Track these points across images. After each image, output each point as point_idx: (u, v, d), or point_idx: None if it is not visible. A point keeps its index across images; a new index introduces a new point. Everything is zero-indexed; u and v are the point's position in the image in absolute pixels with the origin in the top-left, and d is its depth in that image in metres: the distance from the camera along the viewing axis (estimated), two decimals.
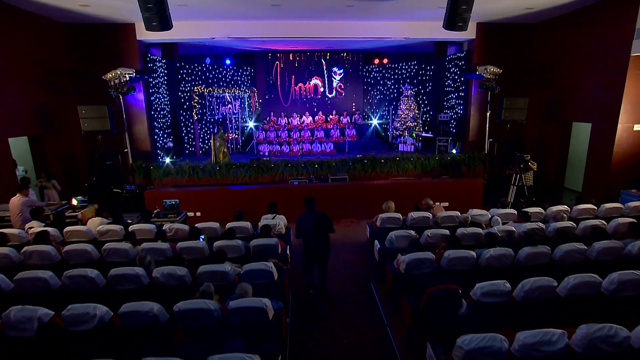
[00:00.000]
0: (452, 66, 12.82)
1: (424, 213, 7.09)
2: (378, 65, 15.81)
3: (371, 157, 10.80)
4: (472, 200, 9.67)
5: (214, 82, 14.87)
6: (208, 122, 14.82)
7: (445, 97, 13.41)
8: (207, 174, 10.51)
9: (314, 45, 14.70)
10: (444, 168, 10.82)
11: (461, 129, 12.51)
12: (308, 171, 10.70)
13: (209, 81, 14.74)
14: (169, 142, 12.02)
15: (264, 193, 9.37)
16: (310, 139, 14.55)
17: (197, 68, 14.40)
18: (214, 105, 14.80)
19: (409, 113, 14.07)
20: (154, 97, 11.80)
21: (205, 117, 14.60)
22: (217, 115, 15.05)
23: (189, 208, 9.26)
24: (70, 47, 10.49)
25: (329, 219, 5.60)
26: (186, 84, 14.07)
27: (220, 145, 11.26)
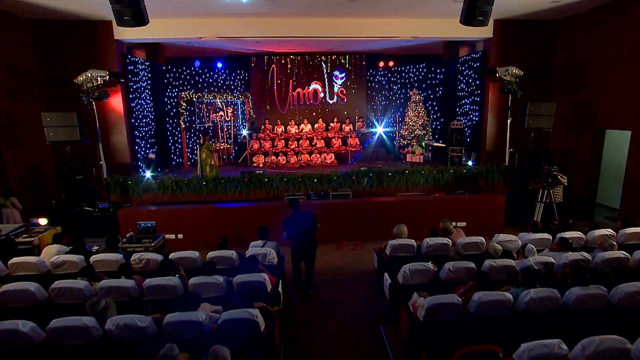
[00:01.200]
0: (465, 68, 12.13)
1: (442, 239, 6.22)
2: (383, 69, 15.28)
3: (377, 170, 9.96)
4: (493, 219, 8.87)
5: (204, 87, 14.20)
6: (197, 130, 14.06)
7: (457, 103, 12.73)
8: (192, 190, 9.67)
9: (314, 47, 14.15)
10: (459, 182, 10.01)
11: (476, 137, 11.77)
12: (306, 186, 9.90)
13: (198, 86, 14.07)
14: (150, 153, 11.15)
15: (255, 212, 8.60)
16: (309, 148, 13.80)
17: (185, 72, 13.72)
18: (203, 112, 14.03)
19: (417, 120, 13.36)
20: (135, 103, 11.05)
21: (194, 125, 13.85)
22: (208, 124, 14.26)
23: (170, 230, 8.45)
24: (38, 47, 9.71)
25: (313, 216, 6.19)
26: (173, 89, 13.36)
27: (207, 157, 10.45)
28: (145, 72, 11.80)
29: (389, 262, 6.16)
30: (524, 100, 9.58)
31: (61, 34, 9.82)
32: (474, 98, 11.78)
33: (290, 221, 6.09)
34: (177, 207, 8.87)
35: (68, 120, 8.11)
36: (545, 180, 8.46)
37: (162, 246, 7.49)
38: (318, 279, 6.92)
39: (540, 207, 8.57)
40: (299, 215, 6.15)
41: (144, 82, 11.64)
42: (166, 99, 13.23)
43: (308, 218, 6.13)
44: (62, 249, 5.97)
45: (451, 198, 9.25)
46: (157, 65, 12.67)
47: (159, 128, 12.75)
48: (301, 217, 6.11)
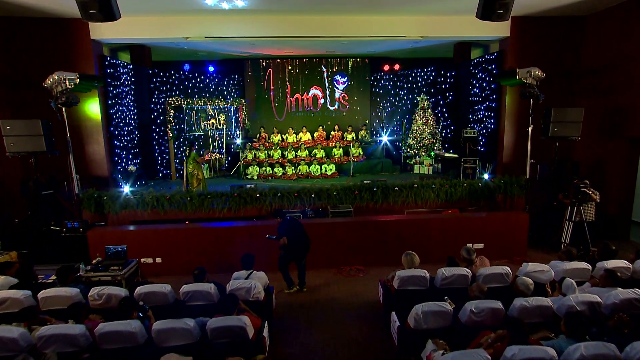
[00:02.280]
0: (478, 71, 11.49)
1: (460, 270, 5.41)
2: (388, 72, 14.69)
3: (382, 183, 9.25)
4: (514, 241, 8.09)
5: (194, 93, 13.59)
6: (186, 139, 13.34)
7: (470, 109, 12.10)
8: (175, 207, 9.00)
9: (313, 50, 13.58)
10: (473, 197, 9.28)
11: (492, 147, 11.08)
12: (303, 202, 9.19)
13: (188, 91, 13.46)
14: (130, 165, 10.41)
15: (245, 232, 7.88)
16: (307, 159, 13.06)
17: (173, 76, 13.13)
18: (193, 119, 13.36)
19: (425, 128, 12.79)
20: (115, 109, 10.42)
21: (183, 133, 13.19)
22: (198, 132, 13.61)
23: (147, 252, 7.72)
24: (2, 47, 9.00)
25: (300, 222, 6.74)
26: (160, 95, 12.76)
27: (195, 169, 9.75)
28: (128, 76, 11.17)
29: (397, 297, 5.38)
30: (546, 106, 8.80)
31: (29, 32, 9.18)
32: (489, 103, 11.15)
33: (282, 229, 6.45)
34: (156, 226, 8.20)
35: (32, 128, 7.36)
36: (574, 196, 7.61)
37: (134, 273, 6.71)
38: (313, 313, 6.10)
39: (569, 227, 7.73)
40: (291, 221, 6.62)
41: (126, 87, 10.99)
42: (152, 106, 12.60)
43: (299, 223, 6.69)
44: (7, 281, 5.16)
45: (466, 216, 8.54)
46: (143, 69, 12.07)
47: (143, 137, 12.09)
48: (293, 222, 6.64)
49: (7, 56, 9.22)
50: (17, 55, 9.22)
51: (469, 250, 5.73)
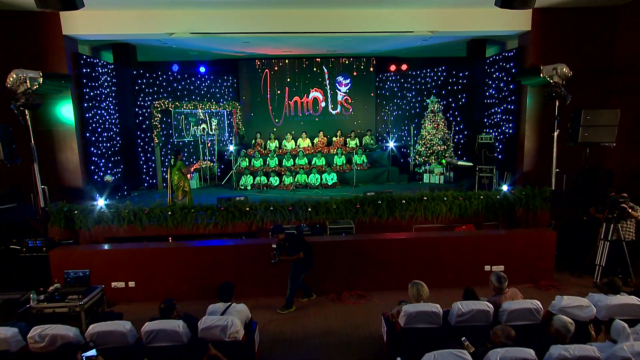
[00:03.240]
0: (495, 70, 11.02)
1: (480, 305, 4.64)
2: (395, 73, 14.26)
3: (387, 196, 8.61)
4: (539, 263, 7.29)
5: (183, 96, 13.04)
6: (175, 146, 12.74)
7: (486, 112, 11.62)
8: (155, 222, 8.37)
9: (313, 49, 13.16)
10: (491, 211, 8.60)
11: (511, 155, 10.55)
12: (298, 216, 8.54)
13: (177, 94, 12.90)
14: (107, 175, 9.77)
15: (232, 252, 7.19)
16: (306, 168, 12.43)
17: (161, 77, 12.57)
18: (182, 124, 12.82)
19: (436, 133, 12.28)
20: (92, 113, 9.90)
21: (171, 139, 12.65)
22: (187, 138, 13.07)
23: (119, 275, 7.03)
24: None
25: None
26: (146, 98, 12.21)
27: (180, 179, 9.15)
28: (109, 76, 10.66)
29: (404, 336, 4.68)
30: (573, 107, 8.06)
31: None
32: (507, 106, 10.63)
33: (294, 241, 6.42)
34: (129, 245, 7.61)
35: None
36: (611, 211, 6.80)
37: (99, 303, 5.98)
38: (304, 352, 5.39)
39: (605, 247, 6.92)
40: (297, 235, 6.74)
41: (106, 89, 10.46)
42: (137, 110, 12.05)
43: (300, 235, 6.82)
44: None
45: (483, 234, 7.83)
46: (126, 70, 11.57)
47: (127, 144, 11.59)
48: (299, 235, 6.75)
49: None
50: None
51: (500, 278, 4.96)
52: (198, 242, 7.71)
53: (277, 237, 6.30)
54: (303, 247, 6.39)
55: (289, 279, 6.49)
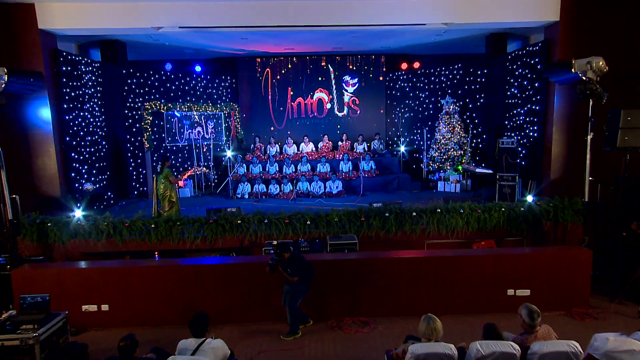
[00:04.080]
0: (517, 67, 10.49)
1: (503, 346, 3.99)
2: (406, 72, 13.97)
3: (396, 207, 8.08)
4: (572, 286, 6.60)
5: (177, 97, 12.66)
6: (169, 150, 12.52)
7: (507, 114, 11.09)
8: (137, 235, 7.96)
9: (317, 45, 12.78)
10: (514, 225, 8.06)
11: (536, 161, 10.03)
12: (296, 230, 8.04)
13: (170, 95, 12.53)
14: (87, 183, 9.29)
15: (219, 272, 6.59)
16: (309, 175, 11.98)
17: (153, 77, 12.20)
18: (175, 127, 12.51)
19: (451, 137, 12.00)
20: (73, 114, 9.48)
21: (163, 144, 12.33)
22: (181, 142, 12.67)
23: (92, 297, 6.47)
24: None
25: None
26: (137, 99, 11.84)
27: (167, 189, 8.72)
28: (94, 75, 10.28)
29: None
30: (611, 107, 7.39)
31: None
32: (531, 106, 10.10)
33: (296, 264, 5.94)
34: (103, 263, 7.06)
35: None
36: None
37: (60, 332, 5.37)
38: None
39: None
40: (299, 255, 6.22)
41: (90, 89, 10.07)
42: (127, 111, 11.67)
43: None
44: None
45: (506, 252, 7.12)
46: (115, 68, 11.19)
47: (114, 148, 11.18)
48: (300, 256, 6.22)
49: None
50: None
51: (532, 313, 4.23)
52: (181, 260, 7.18)
53: (282, 255, 5.81)
54: (304, 269, 5.94)
55: (286, 303, 5.97)
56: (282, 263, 5.84)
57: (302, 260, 6.05)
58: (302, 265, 5.98)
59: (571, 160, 9.11)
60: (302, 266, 5.96)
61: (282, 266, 5.83)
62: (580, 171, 8.02)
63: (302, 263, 6.00)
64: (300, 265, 5.95)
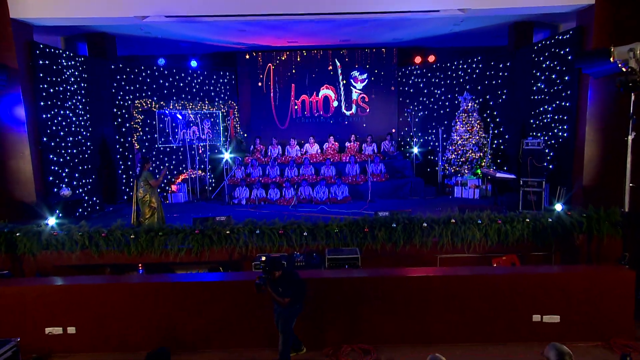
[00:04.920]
0: (545, 59, 9.90)
1: None
2: (420, 66, 13.49)
3: (404, 217, 7.55)
4: (611, 312, 5.95)
5: (171, 94, 12.28)
6: (162, 152, 12.17)
7: (532, 111, 10.53)
8: (115, 247, 7.51)
9: (323, 38, 12.42)
10: (540, 238, 7.50)
11: (566, 164, 9.51)
12: (291, 242, 7.56)
13: (163, 92, 12.14)
14: (64, 188, 8.87)
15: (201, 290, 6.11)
16: (312, 179, 11.50)
17: (144, 72, 11.82)
18: (169, 127, 12.12)
19: (469, 137, 11.47)
20: (52, 113, 9.11)
21: (155, 145, 11.95)
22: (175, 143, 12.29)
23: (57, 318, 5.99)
24: None
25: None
26: (127, 96, 11.48)
27: (147, 194, 8.29)
28: (77, 71, 9.91)
29: None
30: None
31: None
32: (560, 102, 9.53)
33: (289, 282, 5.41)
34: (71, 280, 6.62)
35: None
36: None
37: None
38: None
39: None
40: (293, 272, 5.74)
41: (73, 85, 9.70)
42: (115, 110, 11.30)
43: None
44: None
45: (531, 271, 6.47)
46: (102, 63, 10.83)
47: (102, 149, 10.85)
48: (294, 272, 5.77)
49: None
50: None
51: (561, 355, 3.50)
52: (158, 276, 6.75)
53: (272, 273, 5.24)
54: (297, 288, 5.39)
55: (278, 326, 5.42)
56: (272, 282, 5.26)
57: (295, 278, 5.47)
58: (295, 283, 5.41)
59: (607, 163, 8.58)
60: (295, 285, 5.40)
61: (272, 285, 5.24)
62: (619, 176, 7.39)
63: (295, 281, 5.43)
64: (293, 283, 5.38)
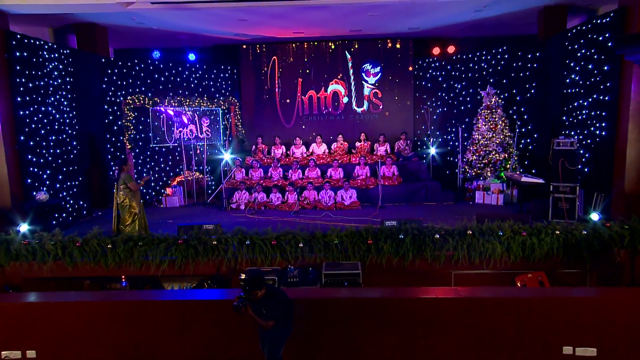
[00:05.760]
0: (581, 46, 9.27)
1: None
2: (439, 58, 13.02)
3: (414, 227, 7.01)
4: None
5: (167, 89, 11.96)
6: (157, 152, 11.85)
7: (565, 107, 9.92)
8: (92, 258, 7.15)
9: (332, 28, 12.04)
10: (572, 254, 6.91)
11: (604, 167, 8.85)
12: (285, 255, 7.06)
13: (159, 87, 11.81)
14: (39, 192, 8.49)
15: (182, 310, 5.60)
16: (318, 181, 11.01)
17: (138, 66, 11.51)
18: (164, 125, 11.79)
19: (493, 137, 10.94)
20: (32, 110, 8.71)
21: (149, 145, 11.63)
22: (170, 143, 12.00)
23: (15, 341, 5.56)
24: None
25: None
26: (118, 92, 11.17)
27: (126, 198, 7.91)
28: (62, 64, 9.57)
29: None
30: None
31: None
32: (598, 96, 8.89)
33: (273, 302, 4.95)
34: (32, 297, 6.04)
35: None
36: None
37: None
38: None
39: None
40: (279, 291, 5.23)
41: (57, 80, 9.38)
42: (106, 106, 10.98)
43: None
44: None
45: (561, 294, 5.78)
46: (91, 57, 10.50)
47: (91, 149, 10.53)
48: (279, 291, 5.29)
49: None
50: None
51: None
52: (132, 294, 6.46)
53: (254, 293, 4.72)
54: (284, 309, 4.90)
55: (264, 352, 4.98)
56: (254, 302, 4.70)
57: (280, 298, 4.95)
58: (281, 304, 4.89)
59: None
60: (281, 306, 4.89)
61: (254, 306, 4.68)
62: None
63: (281, 302, 4.92)
64: (279, 304, 4.86)
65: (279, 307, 4.70)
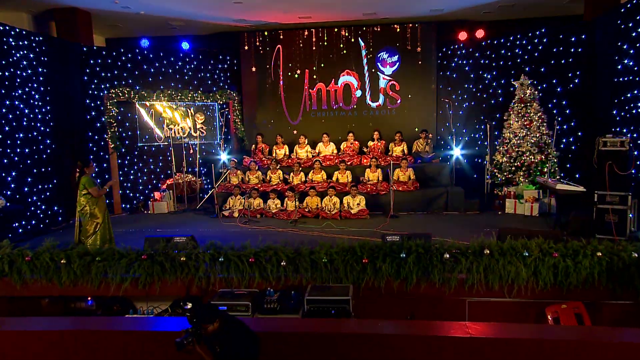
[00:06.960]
0: (636, 24, 8.57)
1: None
2: (465, 44, 12.47)
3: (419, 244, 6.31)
4: None
5: (157, 82, 11.67)
6: (145, 152, 11.52)
7: (615, 99, 9.22)
8: (44, 275, 6.74)
9: (343, 12, 11.68)
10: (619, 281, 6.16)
11: None
12: (265, 274, 6.50)
13: (148, 79, 11.52)
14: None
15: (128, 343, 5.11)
16: (323, 185, 10.45)
17: (124, 56, 11.20)
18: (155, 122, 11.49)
19: (527, 135, 10.27)
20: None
21: (136, 144, 11.30)
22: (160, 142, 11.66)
23: None
24: None
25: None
26: (102, 84, 10.88)
27: (87, 205, 7.40)
28: (34, 52, 9.29)
29: None
30: None
31: None
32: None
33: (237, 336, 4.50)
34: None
35: None
36: None
37: None
38: None
39: None
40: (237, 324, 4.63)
41: (27, 70, 9.12)
42: (88, 101, 10.74)
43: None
44: None
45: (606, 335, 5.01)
46: (69, 45, 10.24)
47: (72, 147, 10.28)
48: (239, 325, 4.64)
49: None
50: None
51: None
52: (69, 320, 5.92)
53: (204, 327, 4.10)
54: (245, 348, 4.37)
55: None
56: (206, 338, 4.07)
57: (241, 331, 4.40)
58: (240, 341, 4.32)
59: None
60: (242, 342, 4.34)
61: (208, 343, 4.05)
62: None
63: (242, 336, 4.36)
64: (237, 341, 4.29)
65: (238, 345, 4.08)
